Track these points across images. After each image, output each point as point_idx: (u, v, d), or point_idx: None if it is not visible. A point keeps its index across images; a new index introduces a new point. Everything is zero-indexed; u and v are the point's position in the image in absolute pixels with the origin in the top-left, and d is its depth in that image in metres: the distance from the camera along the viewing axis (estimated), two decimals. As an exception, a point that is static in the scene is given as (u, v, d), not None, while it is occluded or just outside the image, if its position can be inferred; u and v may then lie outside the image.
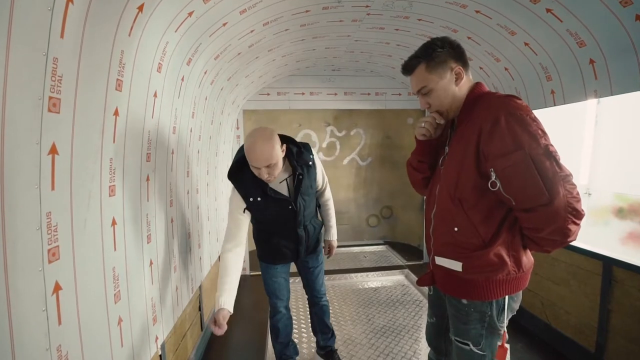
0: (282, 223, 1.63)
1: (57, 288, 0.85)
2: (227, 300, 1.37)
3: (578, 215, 0.88)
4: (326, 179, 1.80)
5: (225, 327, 1.32)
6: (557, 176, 0.86)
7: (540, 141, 0.88)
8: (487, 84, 2.58)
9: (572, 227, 0.88)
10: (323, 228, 1.90)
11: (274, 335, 1.86)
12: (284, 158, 1.50)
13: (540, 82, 2.12)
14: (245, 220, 1.54)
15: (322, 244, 1.90)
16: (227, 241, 1.52)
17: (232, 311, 1.37)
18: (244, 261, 3.42)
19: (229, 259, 1.47)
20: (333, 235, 1.91)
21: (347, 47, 2.90)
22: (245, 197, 1.49)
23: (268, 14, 1.92)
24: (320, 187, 1.76)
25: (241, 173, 1.49)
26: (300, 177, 1.52)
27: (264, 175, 1.38)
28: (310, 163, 1.59)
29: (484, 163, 0.95)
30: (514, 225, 0.99)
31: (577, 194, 0.88)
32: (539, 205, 0.88)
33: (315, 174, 1.65)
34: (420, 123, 1.13)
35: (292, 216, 1.60)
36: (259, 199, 1.48)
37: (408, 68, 1.08)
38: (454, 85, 1.04)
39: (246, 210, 1.51)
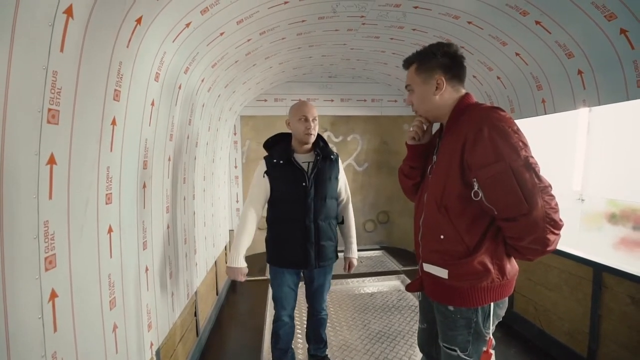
0: (293, 203, 1.70)
1: (54, 295, 0.87)
2: (243, 260, 1.70)
3: (556, 225, 0.91)
4: (349, 193, 1.93)
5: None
6: (536, 187, 0.89)
7: (520, 153, 0.90)
8: (481, 92, 2.62)
9: (550, 236, 0.91)
10: (339, 246, 1.88)
11: (274, 340, 1.87)
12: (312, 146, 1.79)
13: (531, 91, 2.16)
14: (264, 184, 1.73)
15: (334, 260, 1.86)
16: (248, 201, 1.76)
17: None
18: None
19: (248, 216, 1.72)
20: (353, 253, 1.93)
21: (343, 55, 2.94)
22: (269, 160, 1.74)
23: (265, 24, 1.96)
24: (342, 195, 1.90)
25: (275, 144, 1.81)
26: (318, 157, 1.74)
27: (311, 127, 1.67)
28: (332, 157, 1.80)
29: (467, 173, 0.98)
30: (498, 234, 1.02)
31: (556, 204, 0.91)
32: (519, 215, 0.91)
33: (338, 173, 1.82)
34: (409, 128, 1.18)
35: (302, 195, 1.69)
36: (281, 162, 1.71)
37: (406, 63, 1.15)
38: (432, 94, 1.08)
39: (266, 175, 1.73)
